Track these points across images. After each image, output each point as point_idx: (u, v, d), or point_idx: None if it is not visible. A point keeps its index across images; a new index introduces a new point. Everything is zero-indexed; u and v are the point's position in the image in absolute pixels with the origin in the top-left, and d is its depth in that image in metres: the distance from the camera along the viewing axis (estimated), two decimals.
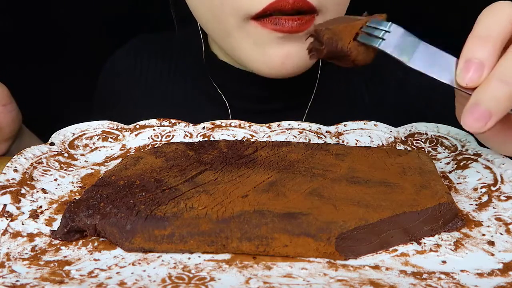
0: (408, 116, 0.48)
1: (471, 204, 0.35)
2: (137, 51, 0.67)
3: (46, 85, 0.90)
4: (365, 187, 0.33)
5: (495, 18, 0.30)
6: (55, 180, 0.38)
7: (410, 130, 0.46)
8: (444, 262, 0.29)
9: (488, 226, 0.32)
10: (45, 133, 0.48)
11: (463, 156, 0.41)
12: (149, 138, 0.46)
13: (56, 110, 0.80)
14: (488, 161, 0.39)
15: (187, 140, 0.46)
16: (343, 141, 0.45)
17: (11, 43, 0.88)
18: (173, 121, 0.48)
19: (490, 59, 0.29)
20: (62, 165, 0.40)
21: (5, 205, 0.34)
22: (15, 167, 0.38)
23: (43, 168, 0.39)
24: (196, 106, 0.61)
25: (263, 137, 0.46)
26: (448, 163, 0.41)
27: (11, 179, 0.36)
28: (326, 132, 0.46)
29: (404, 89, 0.60)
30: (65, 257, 0.30)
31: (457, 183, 0.38)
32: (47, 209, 0.35)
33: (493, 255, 0.29)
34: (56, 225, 0.33)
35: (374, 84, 0.61)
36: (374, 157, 0.38)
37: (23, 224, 0.32)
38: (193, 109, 0.61)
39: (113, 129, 0.46)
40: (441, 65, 0.31)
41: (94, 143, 0.45)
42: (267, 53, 0.46)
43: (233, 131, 0.47)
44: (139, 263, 0.29)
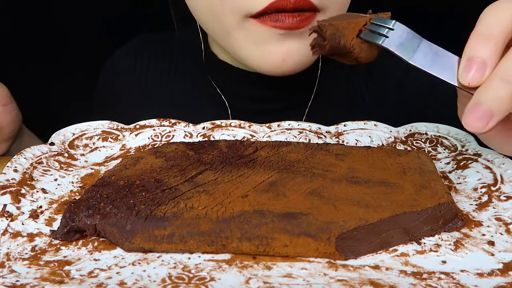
0: (408, 116, 0.48)
1: (471, 204, 0.35)
2: (137, 51, 0.68)
3: (46, 85, 0.90)
4: (365, 187, 0.33)
5: (497, 17, 0.30)
6: (55, 180, 0.38)
7: (410, 130, 0.46)
8: (444, 262, 0.29)
9: (488, 226, 0.32)
10: (45, 133, 0.48)
11: (463, 156, 0.41)
12: (149, 138, 0.46)
13: (56, 110, 0.80)
14: (488, 161, 0.39)
15: (187, 140, 0.46)
16: (343, 141, 0.45)
17: (11, 43, 0.88)
18: (173, 121, 0.48)
19: (492, 58, 0.29)
20: (62, 165, 0.40)
21: (5, 205, 0.34)
22: (15, 167, 0.38)
23: (43, 168, 0.39)
24: (196, 106, 0.61)
25: (263, 137, 0.46)
26: (448, 163, 0.41)
27: (11, 179, 0.36)
28: (326, 132, 0.46)
29: (404, 89, 0.60)
30: (65, 257, 0.30)
31: (457, 183, 0.38)
32: (47, 209, 0.35)
33: (493, 255, 0.29)
34: (56, 225, 0.33)
35: (374, 84, 0.61)
36: (374, 157, 0.38)
37: (23, 224, 0.32)
38: (193, 109, 0.61)
39: (113, 129, 0.46)
40: (444, 63, 0.31)
41: (94, 143, 0.45)
42: (267, 50, 0.46)
43: (233, 131, 0.47)
44: (139, 263, 0.29)
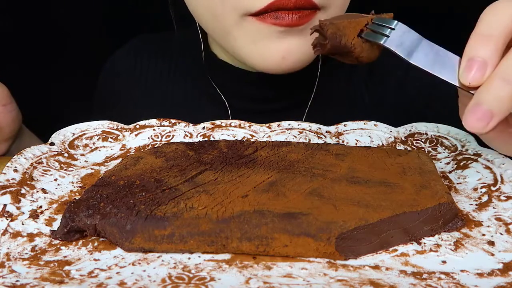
0: (408, 116, 0.48)
1: (471, 204, 0.35)
2: (137, 51, 0.68)
3: (46, 85, 0.90)
4: (365, 187, 0.33)
5: (498, 17, 0.30)
6: (55, 180, 0.38)
7: (410, 130, 0.46)
8: (444, 262, 0.29)
9: (488, 226, 0.32)
10: (45, 133, 0.48)
11: (463, 156, 0.41)
12: (149, 138, 0.46)
13: (56, 110, 0.80)
14: (488, 161, 0.39)
15: (187, 140, 0.46)
16: (343, 141, 0.45)
17: (11, 43, 0.88)
18: (173, 121, 0.48)
19: (493, 57, 0.29)
20: (62, 165, 0.40)
21: (5, 205, 0.34)
22: (15, 167, 0.38)
23: (43, 168, 0.39)
24: (196, 106, 0.61)
25: (263, 137, 0.46)
26: (448, 163, 0.41)
27: (11, 179, 0.36)
28: (326, 132, 0.46)
29: (404, 89, 0.60)
30: (65, 257, 0.30)
31: (457, 183, 0.38)
32: (47, 209, 0.35)
33: (493, 255, 0.29)
34: (56, 225, 0.33)
35: (374, 84, 0.61)
36: (374, 157, 0.38)
37: (23, 224, 0.32)
38: (193, 109, 0.61)
39: (113, 129, 0.46)
40: (445, 63, 0.31)
41: (94, 143, 0.45)
42: (267, 48, 0.46)
43: (233, 131, 0.47)
44: (139, 263, 0.29)
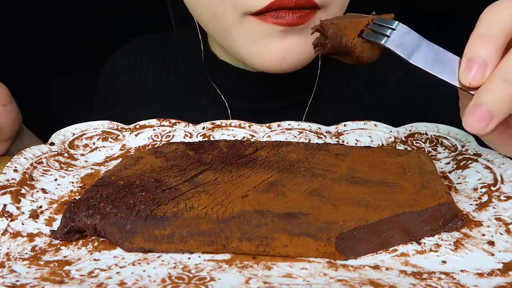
0: (408, 116, 0.48)
1: (471, 204, 0.35)
2: (137, 51, 0.68)
3: (46, 85, 0.90)
4: (365, 187, 0.33)
5: (498, 17, 0.30)
6: (55, 180, 0.38)
7: (410, 130, 0.46)
8: (444, 262, 0.29)
9: (488, 226, 0.32)
10: (45, 133, 0.48)
11: (463, 156, 0.41)
12: (149, 138, 0.46)
13: (56, 110, 0.80)
14: (488, 161, 0.39)
15: (187, 140, 0.46)
16: (343, 141, 0.45)
17: (11, 43, 0.88)
18: (173, 121, 0.48)
19: (493, 58, 0.29)
20: (62, 165, 0.40)
21: (5, 205, 0.34)
22: (15, 167, 0.38)
23: (43, 168, 0.39)
24: (196, 106, 0.61)
25: (263, 137, 0.46)
26: (448, 163, 0.41)
27: (11, 179, 0.36)
28: (326, 132, 0.46)
29: (404, 89, 0.60)
30: (65, 257, 0.30)
31: (457, 183, 0.38)
32: (47, 209, 0.35)
33: (493, 255, 0.29)
34: (56, 225, 0.33)
35: (374, 84, 0.61)
36: (374, 157, 0.38)
37: (23, 224, 0.32)
38: (193, 109, 0.61)
39: (113, 129, 0.46)
40: (445, 64, 0.31)
41: (94, 143, 0.45)
42: (267, 47, 0.46)
43: (233, 131, 0.47)
44: (139, 263, 0.29)
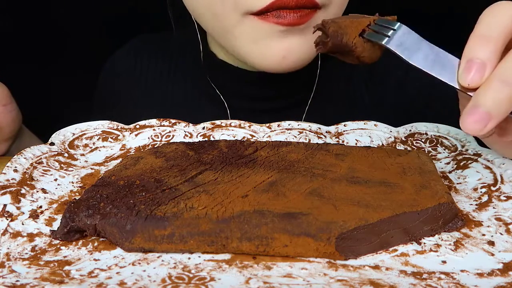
0: (408, 116, 0.48)
1: (471, 204, 0.35)
2: (137, 51, 0.68)
3: (46, 85, 0.90)
4: (365, 187, 0.33)
5: (497, 18, 0.30)
6: (55, 180, 0.38)
7: (410, 130, 0.46)
8: (444, 262, 0.29)
9: (488, 226, 0.32)
10: (45, 133, 0.48)
11: (463, 156, 0.41)
12: (149, 138, 0.46)
13: (56, 110, 0.80)
14: (488, 161, 0.39)
15: (187, 140, 0.46)
16: (343, 141, 0.45)
17: (11, 43, 0.88)
18: (173, 121, 0.48)
19: (492, 59, 0.29)
20: (62, 165, 0.40)
21: (5, 205, 0.34)
22: (15, 167, 0.38)
23: (43, 168, 0.39)
24: (196, 106, 0.61)
25: (263, 137, 0.46)
26: (448, 163, 0.41)
27: (11, 179, 0.36)
28: (326, 132, 0.46)
29: (404, 89, 0.60)
30: (65, 257, 0.30)
31: (457, 183, 0.38)
32: (47, 209, 0.35)
33: (493, 255, 0.29)
34: (56, 225, 0.33)
35: (374, 84, 0.61)
36: (374, 157, 0.38)
37: (23, 224, 0.32)
38: (193, 109, 0.61)
39: (113, 129, 0.46)
40: (445, 65, 0.31)
41: (94, 143, 0.45)
42: (268, 47, 0.46)
43: (233, 131, 0.47)
44: (139, 263, 0.29)
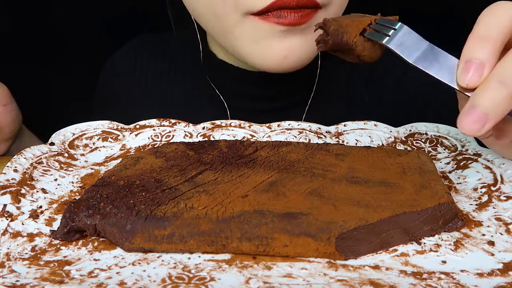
0: (408, 116, 0.48)
1: (471, 204, 0.35)
2: (137, 51, 0.68)
3: (46, 85, 0.90)
4: (365, 187, 0.33)
5: (496, 18, 0.30)
6: (55, 180, 0.38)
7: (410, 130, 0.46)
8: (444, 262, 0.29)
9: (488, 226, 0.32)
10: (45, 133, 0.48)
11: (463, 156, 0.41)
12: (149, 138, 0.46)
13: (56, 110, 0.80)
14: (488, 161, 0.39)
15: (187, 140, 0.46)
16: (343, 141, 0.45)
17: (11, 43, 0.88)
18: (173, 121, 0.48)
19: (490, 59, 0.29)
20: (62, 165, 0.40)
21: (5, 205, 0.34)
22: (15, 167, 0.38)
23: (43, 168, 0.39)
24: (196, 106, 0.61)
25: (263, 137, 0.46)
26: (448, 163, 0.41)
27: (11, 179, 0.36)
28: (326, 132, 0.46)
29: (404, 89, 0.60)
30: (65, 257, 0.30)
31: (457, 183, 0.38)
32: (47, 209, 0.35)
33: (493, 255, 0.29)
34: (56, 225, 0.33)
35: (374, 84, 0.61)
36: (374, 157, 0.38)
37: (23, 224, 0.32)
38: (193, 109, 0.61)
39: (113, 129, 0.46)
40: (444, 66, 0.31)
41: (94, 143, 0.45)
42: (269, 47, 0.46)
43: (233, 131, 0.47)
44: (139, 263, 0.29)
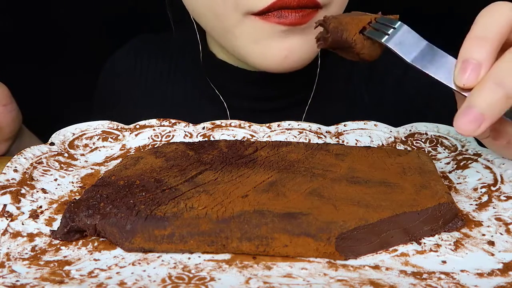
0: (408, 116, 0.48)
1: (471, 204, 0.35)
2: (137, 51, 0.68)
3: (46, 85, 0.90)
4: (365, 187, 0.33)
5: (493, 19, 0.30)
6: (55, 180, 0.38)
7: (410, 130, 0.46)
8: (444, 262, 0.29)
9: (488, 226, 0.32)
10: (45, 133, 0.48)
11: (463, 156, 0.41)
12: (149, 138, 0.46)
13: (56, 110, 0.80)
14: (488, 161, 0.39)
15: (187, 140, 0.46)
16: (343, 141, 0.45)
17: (11, 43, 0.88)
18: (173, 121, 0.48)
19: (487, 59, 0.29)
20: (62, 165, 0.40)
21: (5, 205, 0.34)
22: (15, 167, 0.38)
23: (43, 168, 0.39)
24: (196, 106, 0.61)
25: (263, 137, 0.46)
26: (448, 163, 0.41)
27: (11, 179, 0.36)
28: (326, 132, 0.46)
29: (404, 89, 0.60)
30: (65, 257, 0.30)
31: (457, 183, 0.38)
32: (47, 209, 0.35)
33: (493, 255, 0.29)
34: (56, 225, 0.33)
35: (374, 84, 0.61)
36: (374, 157, 0.38)
37: (23, 224, 0.32)
38: (193, 109, 0.61)
39: (113, 129, 0.46)
40: (442, 66, 0.31)
41: (94, 143, 0.45)
42: (269, 47, 0.46)
43: (233, 131, 0.47)
44: (139, 263, 0.29)
